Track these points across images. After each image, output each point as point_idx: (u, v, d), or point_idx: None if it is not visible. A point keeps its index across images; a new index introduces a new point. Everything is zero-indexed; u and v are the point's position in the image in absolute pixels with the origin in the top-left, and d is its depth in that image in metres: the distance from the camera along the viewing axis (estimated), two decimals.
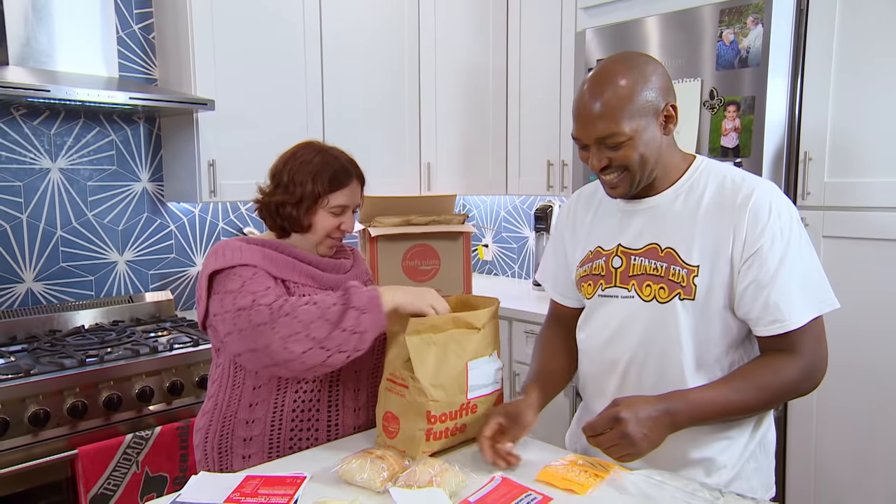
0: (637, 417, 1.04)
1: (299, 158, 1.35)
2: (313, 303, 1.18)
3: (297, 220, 1.34)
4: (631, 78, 1.09)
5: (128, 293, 2.40)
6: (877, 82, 1.81)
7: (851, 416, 1.92)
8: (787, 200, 1.13)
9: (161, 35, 2.39)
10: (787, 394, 1.13)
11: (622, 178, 1.14)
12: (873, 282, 1.85)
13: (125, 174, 2.39)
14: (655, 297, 1.15)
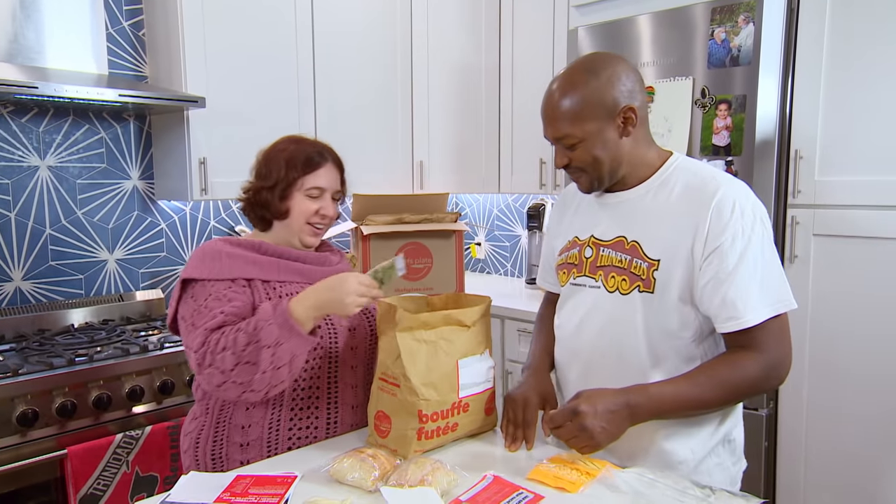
0: (596, 411, 1.07)
1: (274, 148, 1.37)
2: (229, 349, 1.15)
3: (275, 206, 1.34)
4: (585, 82, 1.14)
5: (118, 292, 2.39)
6: (867, 81, 1.82)
7: (841, 415, 1.93)
8: (753, 200, 1.14)
9: (151, 31, 2.37)
10: (747, 390, 1.14)
11: (582, 177, 1.21)
12: (864, 280, 1.86)
13: (115, 172, 2.38)
14: (618, 288, 1.20)
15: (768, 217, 1.16)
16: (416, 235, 2.66)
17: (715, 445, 1.22)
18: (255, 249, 1.33)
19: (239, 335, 1.16)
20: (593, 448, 1.09)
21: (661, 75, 2.15)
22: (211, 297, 1.24)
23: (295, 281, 1.34)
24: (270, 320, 1.16)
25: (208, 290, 1.25)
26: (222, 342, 1.17)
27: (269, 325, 1.15)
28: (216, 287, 1.26)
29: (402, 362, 1.20)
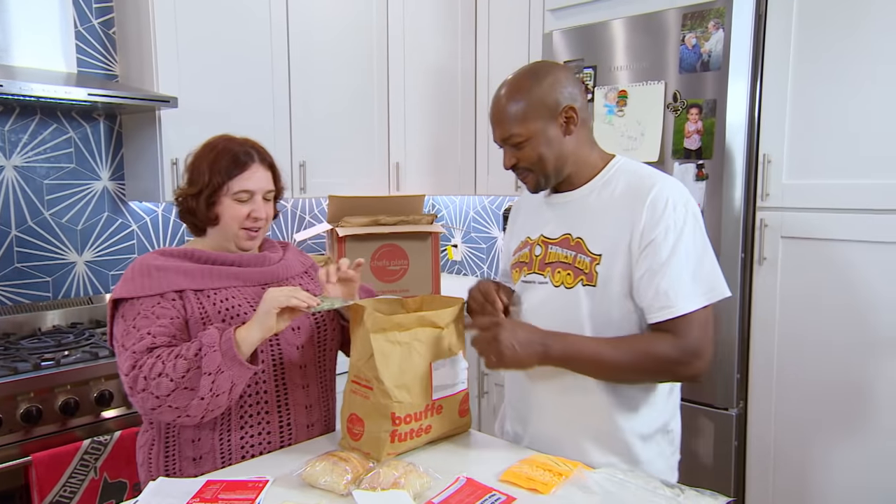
0: (514, 333, 1.16)
1: (200, 151, 1.32)
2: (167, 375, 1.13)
3: (203, 214, 1.29)
4: (529, 86, 1.22)
5: (87, 294, 2.34)
6: (833, 88, 1.86)
7: (809, 414, 1.97)
8: (686, 197, 1.21)
9: (122, 30, 2.33)
10: (659, 367, 1.18)
11: (529, 176, 1.28)
12: (829, 281, 1.90)
13: (84, 172, 2.33)
14: (563, 282, 1.26)
15: (700, 212, 1.23)
16: (391, 237, 2.66)
17: (654, 433, 1.27)
18: (187, 258, 1.29)
19: (178, 362, 1.14)
20: (498, 363, 1.16)
21: (634, 79, 2.18)
22: (139, 315, 1.22)
23: (232, 286, 1.30)
24: (215, 346, 1.14)
25: (137, 308, 1.22)
26: (158, 367, 1.14)
27: (213, 352, 1.13)
28: (144, 304, 1.23)
29: (374, 364, 1.20)
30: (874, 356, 1.84)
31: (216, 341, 1.14)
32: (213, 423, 1.25)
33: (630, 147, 2.19)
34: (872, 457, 1.86)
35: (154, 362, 1.15)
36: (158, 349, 1.18)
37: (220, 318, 1.25)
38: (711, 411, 2.08)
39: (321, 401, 1.38)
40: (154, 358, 1.16)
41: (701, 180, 2.04)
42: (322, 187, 2.63)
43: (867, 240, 1.83)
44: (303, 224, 2.96)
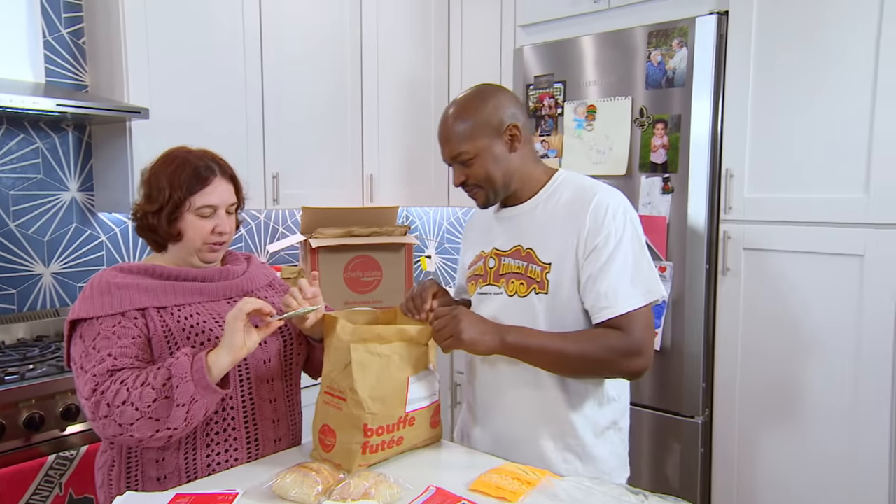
0: (471, 318, 1.23)
1: (157, 165, 1.28)
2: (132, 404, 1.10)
3: (164, 230, 1.26)
4: (472, 106, 1.30)
5: (54, 307, 2.30)
6: (791, 103, 1.93)
7: (773, 421, 2.03)
8: (625, 204, 1.30)
9: (92, 40, 2.32)
10: (604, 359, 1.24)
11: (478, 192, 1.34)
12: (790, 291, 1.96)
13: (52, 183, 2.30)
14: (517, 292, 1.32)
15: (638, 219, 1.31)
16: (365, 248, 2.67)
17: (606, 430, 1.34)
18: (149, 274, 1.25)
19: (145, 391, 1.11)
20: (454, 340, 1.20)
21: (603, 94, 2.24)
22: (99, 336, 1.18)
23: (196, 302, 1.28)
24: (187, 377, 1.11)
25: (96, 328, 1.19)
26: (122, 394, 1.11)
27: (186, 383, 1.11)
28: (104, 324, 1.19)
29: (351, 374, 1.20)
30: (832, 363, 1.90)
31: (187, 371, 1.11)
32: (177, 441, 1.22)
33: (599, 160, 2.24)
34: (833, 460, 1.92)
35: (118, 389, 1.12)
36: (120, 372, 1.15)
37: (184, 336, 1.23)
38: (678, 419, 2.13)
39: (288, 415, 1.37)
40: (118, 384, 1.12)
41: (667, 193, 2.10)
42: (295, 198, 2.63)
43: (822, 251, 1.89)
44: (276, 235, 2.95)
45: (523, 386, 1.32)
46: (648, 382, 2.17)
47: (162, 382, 1.11)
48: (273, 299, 1.40)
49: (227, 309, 1.30)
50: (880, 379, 1.81)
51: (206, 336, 1.24)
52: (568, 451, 1.31)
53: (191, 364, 1.12)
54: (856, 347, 1.85)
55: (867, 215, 1.81)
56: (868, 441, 1.84)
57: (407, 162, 3.01)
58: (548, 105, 2.38)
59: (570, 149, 2.32)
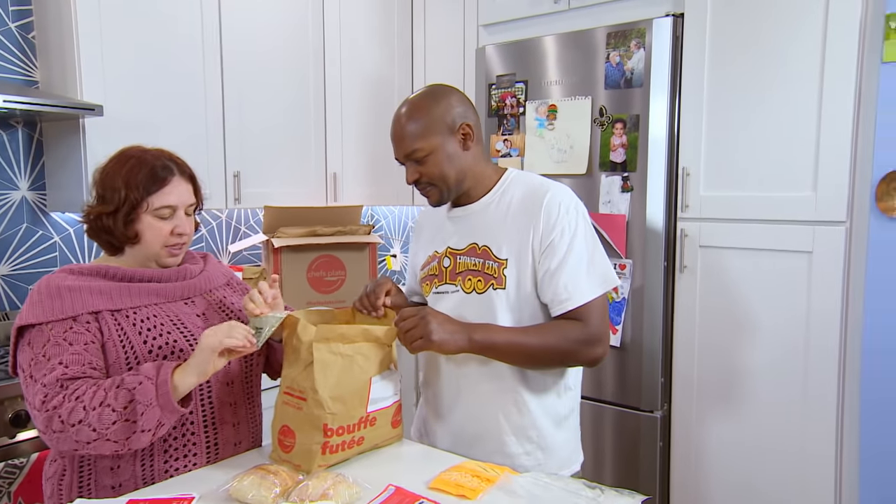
0: (439, 318, 1.24)
1: (112, 164, 1.24)
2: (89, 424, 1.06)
3: (120, 233, 1.21)
4: (425, 105, 1.32)
5: (3, 310, 2.23)
6: (744, 104, 1.99)
7: (729, 414, 2.08)
8: (575, 200, 1.33)
9: (42, 34, 2.25)
10: (567, 349, 1.28)
11: (432, 190, 1.35)
12: (744, 288, 2.02)
13: (1, 182, 2.22)
14: (475, 288, 1.34)
15: (587, 213, 1.35)
16: (328, 248, 2.65)
17: (564, 419, 1.38)
18: (102, 275, 1.21)
19: (104, 412, 1.06)
20: (424, 341, 1.21)
21: (565, 94, 2.26)
22: (49, 342, 1.13)
23: (151, 304, 1.24)
24: (153, 403, 1.07)
25: (46, 334, 1.14)
26: (78, 413, 1.06)
27: (152, 408, 1.07)
28: (55, 330, 1.14)
29: (312, 373, 1.19)
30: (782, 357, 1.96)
31: (153, 397, 1.07)
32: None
33: (560, 159, 2.26)
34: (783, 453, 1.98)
35: (73, 406, 1.07)
36: (74, 384, 1.10)
37: (140, 340, 1.19)
38: (637, 414, 2.17)
39: (248, 418, 1.35)
40: (73, 400, 1.08)
41: (626, 192, 2.13)
42: (257, 197, 2.60)
43: (772, 248, 1.95)
44: (238, 235, 2.90)
45: (484, 381, 1.34)
46: (608, 377, 2.21)
47: (123, 405, 1.07)
48: (231, 298, 1.38)
49: (185, 310, 1.28)
50: (827, 373, 1.88)
51: (163, 339, 1.21)
52: (529, 442, 1.34)
53: (156, 389, 1.08)
54: (804, 342, 1.91)
55: (816, 213, 1.88)
56: (816, 434, 1.91)
57: (371, 161, 3.00)
58: (510, 104, 2.39)
59: (531, 148, 2.34)
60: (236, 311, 1.36)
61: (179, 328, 1.24)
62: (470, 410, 1.37)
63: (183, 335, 1.24)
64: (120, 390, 1.09)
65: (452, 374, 1.38)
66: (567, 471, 1.37)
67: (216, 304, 1.34)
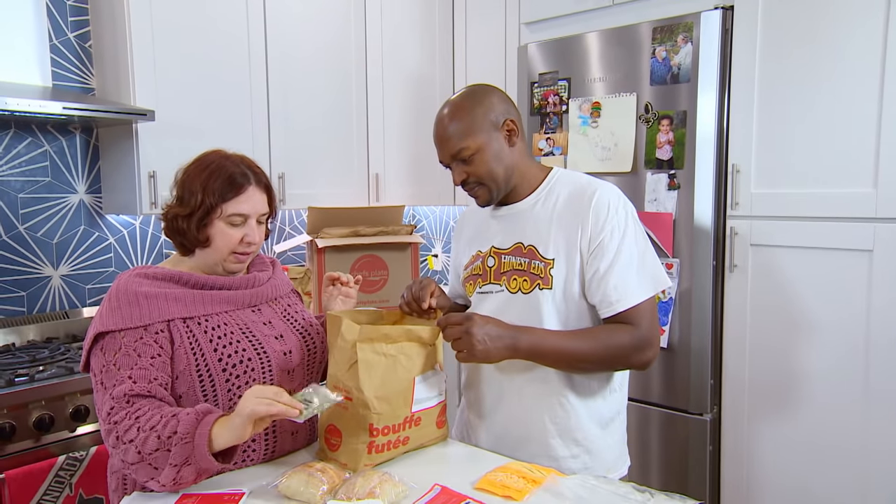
0: (484, 327, 1.21)
1: (193, 167, 1.26)
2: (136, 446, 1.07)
3: (193, 236, 1.23)
4: (467, 104, 1.30)
5: (63, 309, 2.32)
6: (797, 98, 1.92)
7: (782, 418, 2.01)
8: (624, 200, 1.31)
9: (98, 43, 2.33)
10: (617, 355, 1.26)
11: (481, 189, 1.34)
12: (798, 287, 1.95)
13: (60, 186, 2.32)
14: (520, 288, 1.32)
15: (636, 212, 1.32)
16: (371, 248, 2.67)
17: (610, 421, 1.36)
18: (175, 282, 1.23)
19: (151, 436, 1.07)
20: (468, 354, 1.19)
21: (608, 91, 2.23)
22: (120, 351, 1.15)
23: (222, 311, 1.25)
24: (187, 439, 1.06)
25: (118, 342, 1.16)
26: (132, 433, 1.08)
27: (185, 444, 1.06)
28: (127, 338, 1.16)
29: (357, 373, 1.20)
30: (841, 358, 1.89)
31: (191, 431, 1.06)
32: None
33: (604, 157, 2.23)
34: (844, 453, 1.90)
35: (130, 425, 1.09)
36: (137, 402, 1.12)
37: (211, 348, 1.21)
38: (686, 417, 2.12)
39: (307, 427, 1.35)
40: (133, 419, 1.10)
41: (673, 190, 2.09)
42: (301, 198, 2.64)
43: (831, 247, 1.88)
44: (282, 235, 2.96)
45: (529, 383, 1.32)
46: (654, 379, 2.17)
47: (168, 434, 1.08)
48: (296, 307, 1.40)
49: (252, 318, 1.28)
50: (890, 372, 1.80)
51: (232, 348, 1.22)
52: (576, 445, 1.32)
53: (196, 426, 1.07)
54: (865, 342, 1.84)
55: (876, 210, 1.80)
56: (879, 433, 1.83)
57: (413, 161, 3.01)
58: (552, 102, 2.37)
59: (575, 146, 2.31)
60: (300, 319, 1.37)
61: (248, 337, 1.25)
62: (514, 413, 1.35)
63: (251, 344, 1.25)
64: (172, 419, 1.09)
65: (495, 377, 1.37)
66: (614, 475, 1.34)
67: (281, 313, 1.35)
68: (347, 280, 1.47)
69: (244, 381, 1.23)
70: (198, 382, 1.20)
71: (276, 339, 1.29)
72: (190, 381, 1.19)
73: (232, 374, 1.22)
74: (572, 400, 1.31)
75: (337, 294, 1.47)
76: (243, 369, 1.22)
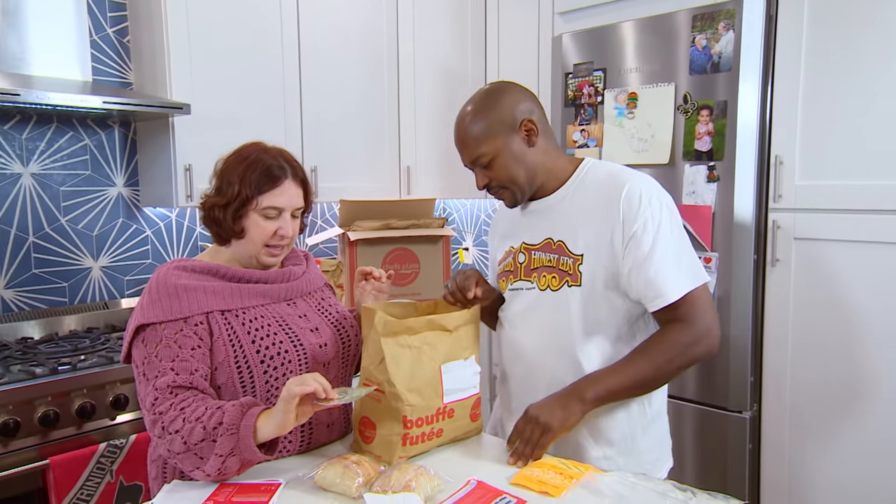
0: (538, 404, 1.21)
1: (232, 158, 1.27)
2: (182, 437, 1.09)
3: (228, 226, 1.24)
4: (483, 108, 1.28)
5: (103, 300, 2.37)
6: (845, 87, 1.85)
7: (824, 416, 1.95)
8: (658, 190, 1.26)
9: (136, 38, 2.37)
10: (680, 359, 1.22)
11: (504, 192, 1.32)
12: (844, 282, 1.88)
13: (100, 179, 2.36)
14: (549, 285, 1.30)
15: (673, 203, 1.28)
16: (402, 241, 2.67)
17: (652, 421, 1.32)
18: (213, 274, 1.24)
19: (196, 427, 1.09)
20: (548, 433, 1.18)
21: (644, 81, 2.18)
22: (161, 343, 1.16)
23: (259, 304, 1.26)
24: (233, 430, 1.07)
25: (159, 334, 1.17)
26: (178, 423, 1.10)
27: (230, 435, 1.07)
28: (168, 330, 1.17)
29: (386, 368, 1.20)
30: (888, 357, 1.82)
31: (235, 422, 1.08)
32: None
33: (641, 149, 2.18)
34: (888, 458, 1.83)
35: (176, 416, 1.11)
36: (181, 393, 1.14)
37: (249, 340, 1.22)
38: (724, 414, 2.07)
39: (342, 419, 1.35)
40: (177, 410, 1.11)
41: (712, 182, 2.03)
42: (333, 192, 2.65)
43: (880, 241, 1.81)
44: (314, 228, 2.98)
45: (563, 381, 1.28)
46: (690, 375, 2.12)
47: (213, 426, 1.09)
48: (330, 300, 1.40)
49: (288, 311, 1.29)
50: None
51: (270, 341, 1.23)
52: (610, 446, 1.29)
53: (241, 418, 1.08)
54: None
55: None
56: None
57: (444, 153, 2.99)
58: (587, 93, 2.33)
59: (610, 137, 2.27)
60: (334, 313, 1.38)
61: (285, 330, 1.26)
62: None
63: (288, 337, 1.26)
64: (217, 411, 1.10)
65: (528, 372, 1.35)
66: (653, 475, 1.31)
67: (316, 306, 1.36)
68: (380, 275, 1.47)
69: (281, 374, 1.23)
70: (236, 374, 1.21)
71: (312, 332, 1.30)
72: (229, 372, 1.21)
73: (270, 366, 1.22)
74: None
75: (370, 289, 1.47)
76: (280, 361, 1.23)
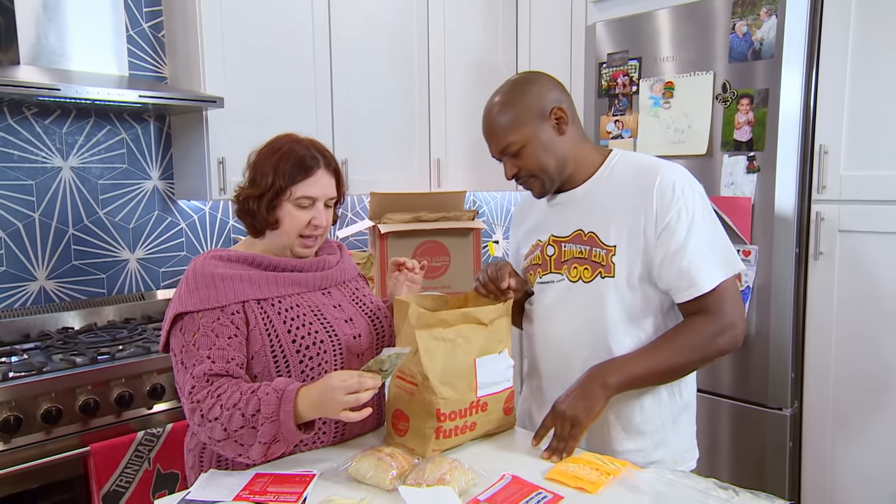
0: (563, 398, 1.20)
1: (264, 150, 1.28)
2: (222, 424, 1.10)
3: (262, 217, 1.25)
4: (512, 96, 1.27)
5: (139, 291, 2.42)
6: (894, 71, 1.77)
7: (867, 413, 1.89)
8: (691, 179, 1.25)
9: (170, 33, 2.40)
10: (706, 350, 1.21)
11: (534, 182, 1.30)
12: (891, 277, 1.81)
13: (136, 172, 2.40)
14: (581, 277, 1.29)
15: (705, 192, 1.26)
16: (433, 234, 2.66)
17: (680, 413, 1.32)
18: (249, 263, 1.25)
19: (235, 414, 1.10)
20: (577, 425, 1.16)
21: (680, 70, 2.12)
22: (199, 332, 1.18)
23: (294, 293, 1.27)
24: (273, 418, 1.09)
25: (197, 322, 1.18)
26: (216, 411, 1.11)
27: (272, 423, 1.09)
28: (205, 318, 1.18)
29: (420, 360, 1.20)
30: None
31: (275, 409, 1.09)
32: None
33: (677, 140, 2.13)
34: None
35: (213, 403, 1.12)
36: (217, 381, 1.15)
37: (285, 329, 1.22)
38: (764, 411, 2.02)
39: (376, 407, 1.35)
40: (215, 397, 1.12)
41: (752, 172, 1.98)
42: (364, 184, 2.65)
43: None
44: (345, 221, 2.99)
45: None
46: (727, 371, 2.07)
47: (252, 412, 1.10)
48: (364, 290, 1.41)
49: (323, 300, 1.30)
50: None
51: (305, 330, 1.24)
52: (642, 438, 1.28)
53: (279, 405, 1.09)
54: None
55: None
56: None
57: (474, 146, 2.97)
58: (622, 83, 2.28)
59: (645, 128, 2.22)
60: (368, 303, 1.38)
61: (320, 319, 1.27)
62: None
63: (323, 327, 1.26)
64: (252, 397, 1.11)
65: (558, 364, 1.34)
66: (682, 467, 1.29)
67: (350, 297, 1.37)
68: (413, 266, 1.47)
69: (317, 363, 1.24)
70: (272, 363, 1.21)
71: (346, 322, 1.30)
72: (265, 361, 1.21)
73: (305, 355, 1.23)
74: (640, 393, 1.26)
75: (403, 280, 1.47)
76: (316, 351, 1.24)
